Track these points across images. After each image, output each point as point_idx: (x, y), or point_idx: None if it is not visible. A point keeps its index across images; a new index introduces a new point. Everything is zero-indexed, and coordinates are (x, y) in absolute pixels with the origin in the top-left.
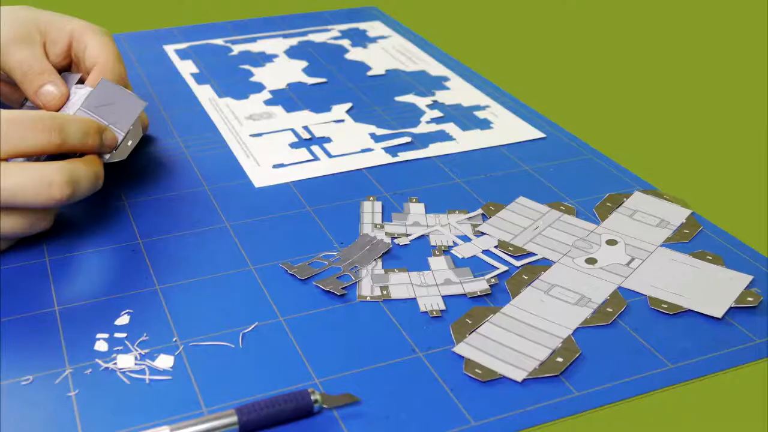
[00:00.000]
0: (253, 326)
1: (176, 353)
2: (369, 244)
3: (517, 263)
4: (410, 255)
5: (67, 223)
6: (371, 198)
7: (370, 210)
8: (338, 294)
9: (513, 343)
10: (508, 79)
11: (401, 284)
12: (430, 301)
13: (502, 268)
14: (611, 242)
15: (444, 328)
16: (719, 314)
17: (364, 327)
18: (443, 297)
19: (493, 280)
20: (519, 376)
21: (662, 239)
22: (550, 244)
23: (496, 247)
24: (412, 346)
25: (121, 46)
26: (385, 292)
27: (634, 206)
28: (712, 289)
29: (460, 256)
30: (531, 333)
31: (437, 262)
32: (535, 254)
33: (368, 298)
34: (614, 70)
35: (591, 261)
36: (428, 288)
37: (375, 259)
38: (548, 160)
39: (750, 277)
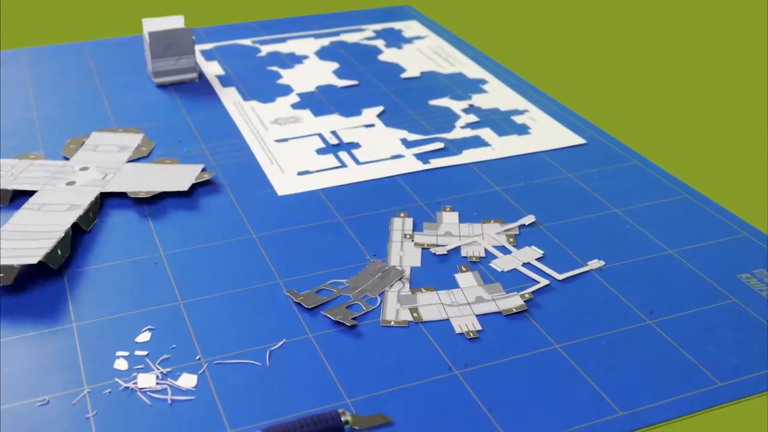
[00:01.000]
0: (280, 343)
1: (200, 372)
2: (380, 272)
3: (560, 276)
4: (435, 272)
5: (85, 235)
6: (402, 215)
7: (401, 228)
8: (348, 325)
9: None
10: (549, 81)
11: (431, 305)
12: (465, 322)
13: (543, 282)
14: (84, 168)
15: (481, 345)
16: (185, 188)
17: (397, 344)
18: (477, 316)
19: (527, 296)
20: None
21: (126, 158)
22: (31, 181)
23: (538, 259)
24: (448, 364)
25: (138, 48)
26: (415, 315)
27: (95, 142)
28: (175, 176)
29: (499, 269)
30: (36, 234)
31: (465, 279)
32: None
33: (392, 323)
34: (659, 72)
35: (71, 183)
36: (460, 308)
37: (387, 288)
38: (591, 166)
39: (201, 165)
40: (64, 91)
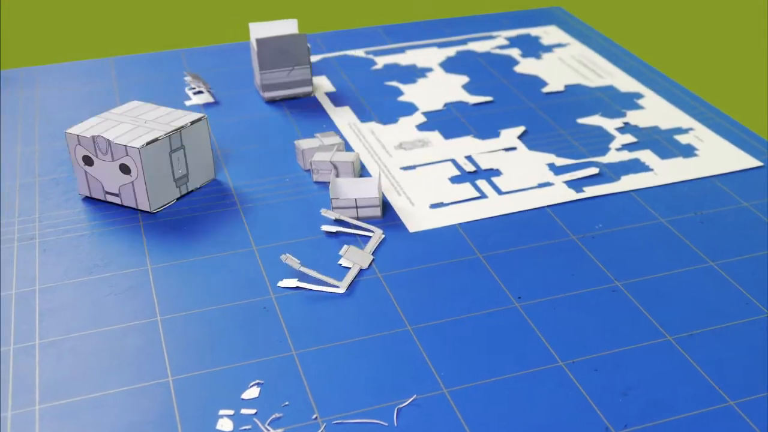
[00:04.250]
0: (410, 399)
1: None
2: None
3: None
4: None
5: (183, 274)
6: None
7: None
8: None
9: None
10: (717, 93)
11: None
12: None
13: None
14: None
15: (643, 401)
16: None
17: (546, 400)
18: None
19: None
20: None
21: None
22: None
23: None
24: (605, 424)
25: (244, 57)
26: None
27: None
28: None
29: None
30: None
31: None
32: None
33: None
34: None
35: None
36: None
37: None
38: None
39: None
40: None
